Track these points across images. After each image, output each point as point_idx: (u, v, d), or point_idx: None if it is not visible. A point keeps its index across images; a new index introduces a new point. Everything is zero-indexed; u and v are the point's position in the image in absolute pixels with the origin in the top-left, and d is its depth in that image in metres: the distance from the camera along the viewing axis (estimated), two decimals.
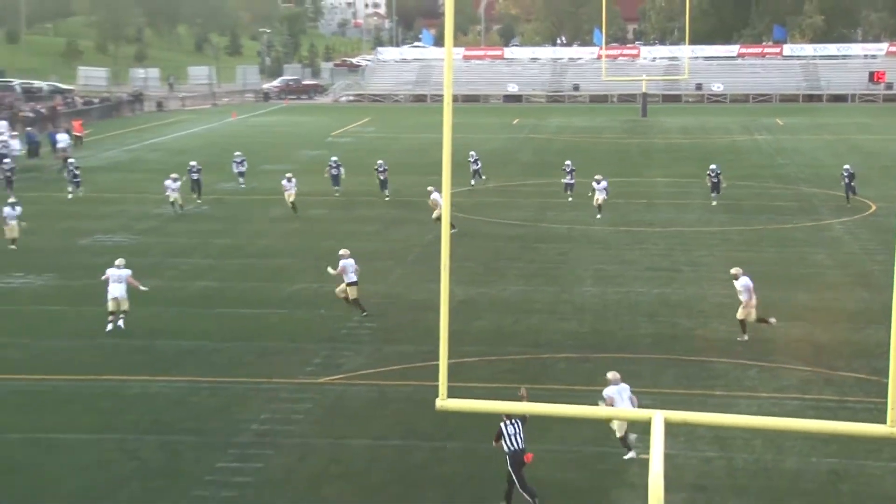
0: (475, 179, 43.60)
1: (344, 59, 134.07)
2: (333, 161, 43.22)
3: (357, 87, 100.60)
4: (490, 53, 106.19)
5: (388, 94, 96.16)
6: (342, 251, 25.52)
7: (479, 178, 43.75)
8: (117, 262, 24.53)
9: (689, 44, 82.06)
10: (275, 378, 21.05)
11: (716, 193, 39.85)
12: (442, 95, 18.44)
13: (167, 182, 38.87)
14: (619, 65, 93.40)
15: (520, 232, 35.63)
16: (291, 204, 38.40)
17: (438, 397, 10.97)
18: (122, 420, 18.93)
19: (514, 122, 74.16)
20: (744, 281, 22.95)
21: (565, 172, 41.15)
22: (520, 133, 67.84)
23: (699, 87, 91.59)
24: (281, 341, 23.48)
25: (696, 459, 17.09)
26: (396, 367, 21.59)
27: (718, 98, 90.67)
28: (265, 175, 46.85)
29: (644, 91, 79.56)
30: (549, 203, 40.29)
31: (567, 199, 40.22)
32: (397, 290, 27.90)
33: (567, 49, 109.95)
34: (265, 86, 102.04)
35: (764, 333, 23.79)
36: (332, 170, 42.72)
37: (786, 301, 26.63)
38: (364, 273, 28.68)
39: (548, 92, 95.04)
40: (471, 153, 44.12)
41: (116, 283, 24.00)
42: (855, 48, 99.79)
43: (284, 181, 38.93)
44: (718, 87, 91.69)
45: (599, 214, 36.99)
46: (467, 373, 20.40)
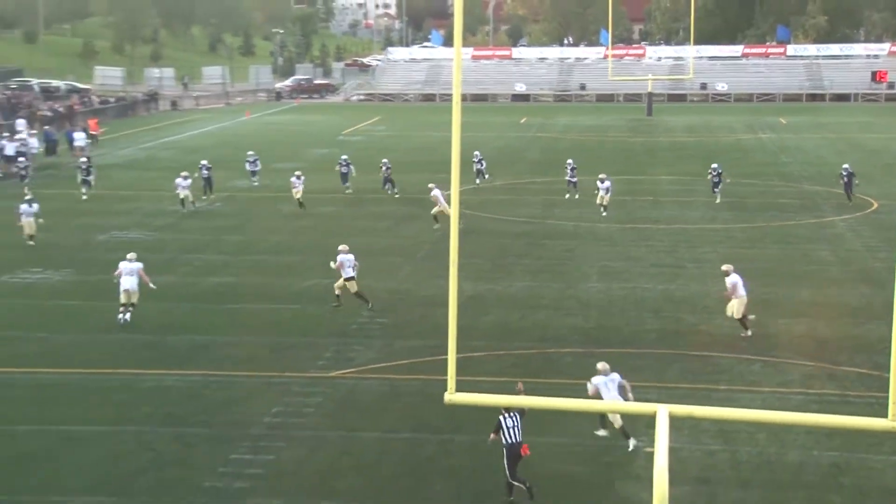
0: (479, 179, 43.50)
1: (355, 59, 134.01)
2: (343, 159, 43.29)
3: (368, 87, 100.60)
4: (498, 53, 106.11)
5: (398, 94, 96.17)
6: (341, 246, 25.57)
7: (483, 178, 43.56)
8: (129, 256, 24.70)
9: (694, 44, 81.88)
10: (287, 372, 21.07)
11: (717, 190, 39.74)
12: (451, 95, 18.44)
13: (178, 180, 38.91)
14: (625, 65, 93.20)
15: (527, 229, 35.60)
16: (298, 201, 38.49)
17: (447, 391, 10.98)
18: (137, 413, 18.97)
19: (522, 121, 74.09)
20: (733, 278, 22.97)
21: (568, 171, 41.12)
22: (527, 132, 67.77)
23: (704, 87, 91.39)
24: (293, 336, 23.50)
25: (701, 452, 17.06)
26: (406, 362, 21.60)
27: (723, 97, 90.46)
28: (277, 173, 46.87)
29: (649, 90, 79.50)
30: (556, 200, 40.24)
31: (571, 198, 40.07)
32: (407, 287, 27.90)
33: (574, 49, 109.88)
34: (277, 85, 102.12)
35: (767, 329, 23.75)
36: (342, 168, 42.78)
37: (789, 297, 26.61)
38: (374, 269, 28.79)
39: (555, 91, 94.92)
40: (475, 153, 43.99)
41: (128, 276, 24.21)
42: (857, 48, 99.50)
43: (293, 178, 39.12)
44: (723, 87, 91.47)
45: (605, 213, 36.92)
46: (475, 367, 20.39)
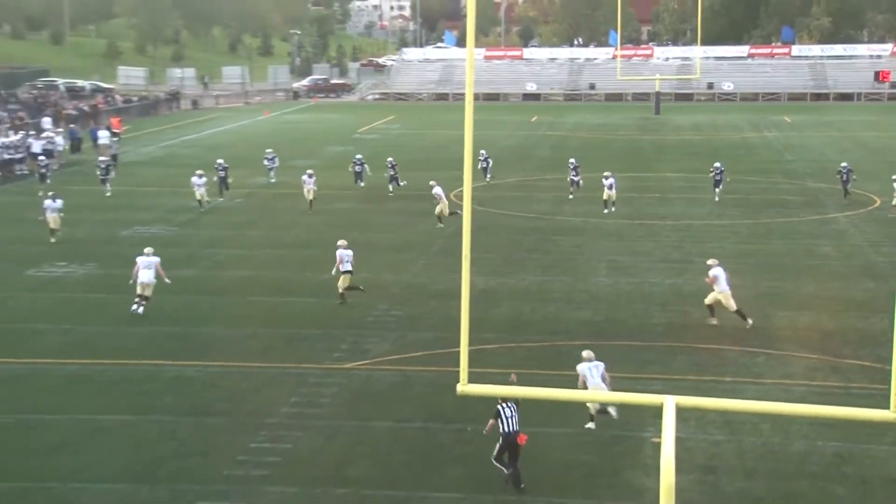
0: (487, 176, 43.34)
1: (370, 60, 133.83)
2: (358, 158, 43.21)
3: (382, 86, 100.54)
4: (510, 54, 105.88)
5: (412, 93, 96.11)
6: (340, 242, 25.59)
7: (486, 177, 43.31)
8: (146, 251, 24.84)
9: (701, 44, 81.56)
10: (303, 363, 21.11)
11: (718, 189, 39.30)
12: (463, 94, 18.43)
13: (193, 178, 38.81)
14: (634, 65, 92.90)
15: (537, 225, 35.55)
16: (310, 202, 37.95)
17: (459, 382, 10.96)
18: (161, 403, 19.05)
19: (533, 120, 73.96)
20: (715, 270, 22.96)
21: (570, 170, 40.93)
22: (538, 130, 67.65)
23: (710, 86, 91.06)
24: (310, 328, 23.54)
25: (707, 442, 17.04)
26: (419, 354, 21.61)
27: (729, 96, 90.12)
28: (295, 170, 46.77)
29: (657, 90, 79.25)
30: (566, 197, 40.13)
31: (574, 196, 39.76)
32: (421, 280, 27.92)
33: (583, 50, 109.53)
34: (295, 85, 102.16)
35: (772, 323, 23.70)
36: (356, 166, 42.68)
37: (793, 291, 26.54)
38: (389, 263, 28.99)
39: (565, 91, 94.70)
40: (481, 151, 43.73)
41: (146, 270, 24.41)
42: (861, 49, 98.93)
43: (305, 177, 38.66)
44: (729, 86, 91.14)
45: (607, 209, 36.57)
46: (487, 359, 20.38)
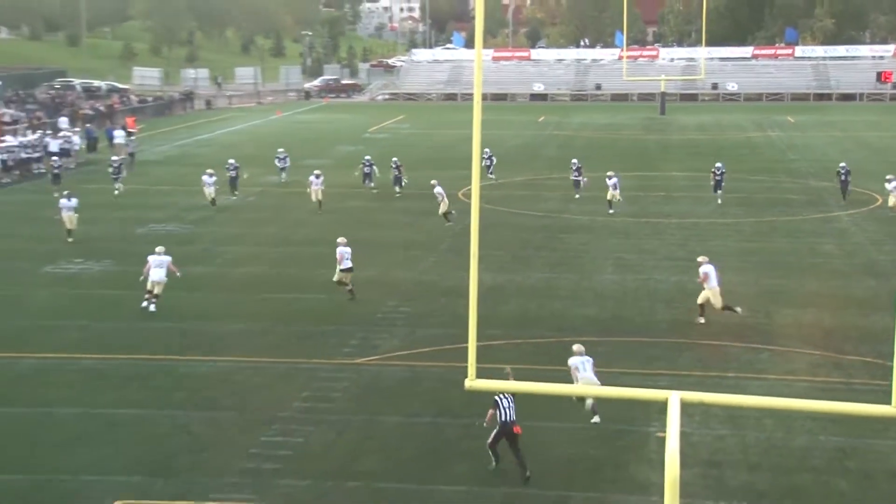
0: (490, 174, 43.25)
1: (380, 60, 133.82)
2: (367, 160, 43.04)
3: (392, 87, 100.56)
4: (517, 55, 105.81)
5: (422, 93, 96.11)
6: (339, 239, 25.61)
7: (489, 175, 43.12)
8: (158, 250, 24.87)
9: (706, 45, 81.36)
10: (315, 359, 21.13)
11: (720, 191, 38.78)
12: (472, 94, 18.43)
13: (204, 177, 38.84)
14: (639, 65, 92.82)
15: (545, 223, 35.52)
16: (318, 202, 37.61)
17: (467, 378, 10.96)
18: (174, 397, 19.08)
19: (540, 120, 73.87)
20: (705, 268, 22.91)
21: (572, 170, 40.81)
22: (545, 130, 67.59)
23: (715, 87, 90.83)
24: (321, 324, 23.54)
25: (711, 437, 17.01)
26: (428, 350, 21.62)
27: (733, 97, 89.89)
28: (306, 169, 46.72)
29: (663, 90, 79.05)
30: (573, 196, 40.07)
31: (579, 195, 39.56)
32: (430, 278, 27.91)
33: (590, 51, 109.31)
34: (306, 85, 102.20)
35: (775, 319, 23.64)
36: (365, 168, 42.51)
37: (796, 289, 26.48)
38: (398, 261, 29.05)
39: (572, 91, 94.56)
40: (485, 150, 43.50)
41: (157, 269, 24.44)
42: (863, 50, 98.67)
43: (312, 177, 38.28)
44: (733, 87, 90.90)
45: (611, 210, 36.45)
46: (494, 355, 20.36)
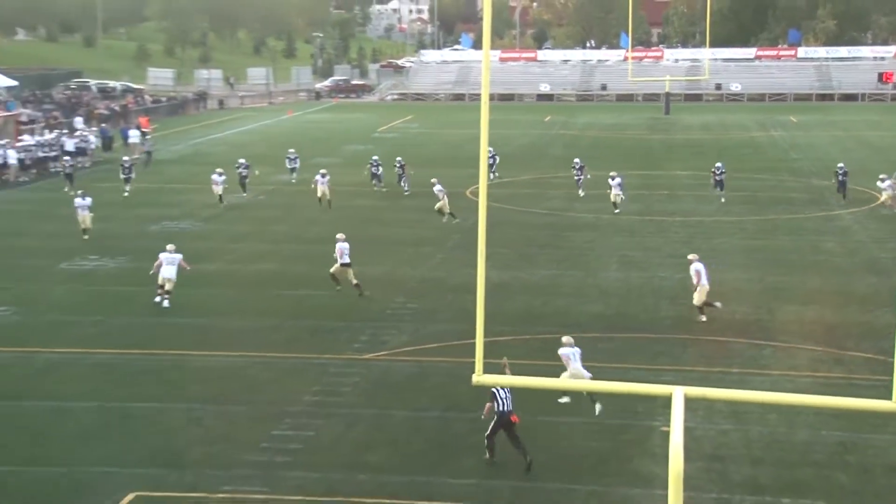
0: (489, 173, 43.19)
1: (389, 61, 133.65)
2: (374, 160, 42.90)
3: (401, 87, 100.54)
4: (524, 55, 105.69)
5: (430, 94, 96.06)
6: (338, 235, 25.61)
7: (492, 173, 42.98)
8: (169, 247, 24.97)
9: (710, 46, 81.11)
10: (325, 354, 21.14)
11: (721, 190, 38.63)
12: (479, 94, 18.41)
13: (213, 176, 38.86)
14: (644, 66, 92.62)
15: (550, 221, 35.48)
16: (328, 201, 37.44)
17: (475, 373, 10.94)
18: (187, 391, 19.11)
19: (546, 119, 73.79)
20: (696, 266, 22.91)
21: (575, 170, 40.70)
22: (551, 129, 67.50)
23: (719, 87, 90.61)
24: (331, 320, 23.56)
25: (714, 432, 16.99)
26: (436, 345, 21.62)
27: (737, 97, 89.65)
28: (317, 167, 46.79)
29: (667, 90, 78.89)
30: (578, 194, 40.03)
31: (584, 194, 39.46)
32: (438, 274, 27.91)
33: (596, 52, 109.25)
34: (317, 85, 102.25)
35: (777, 316, 23.58)
36: (373, 168, 42.42)
37: (798, 286, 26.41)
38: (407, 258, 29.08)
39: (577, 91, 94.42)
40: (489, 149, 43.15)
41: (169, 266, 24.52)
42: (865, 50, 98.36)
43: (318, 177, 38.18)
44: (737, 87, 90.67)
45: (617, 210, 36.26)
46: (501, 350, 20.26)
